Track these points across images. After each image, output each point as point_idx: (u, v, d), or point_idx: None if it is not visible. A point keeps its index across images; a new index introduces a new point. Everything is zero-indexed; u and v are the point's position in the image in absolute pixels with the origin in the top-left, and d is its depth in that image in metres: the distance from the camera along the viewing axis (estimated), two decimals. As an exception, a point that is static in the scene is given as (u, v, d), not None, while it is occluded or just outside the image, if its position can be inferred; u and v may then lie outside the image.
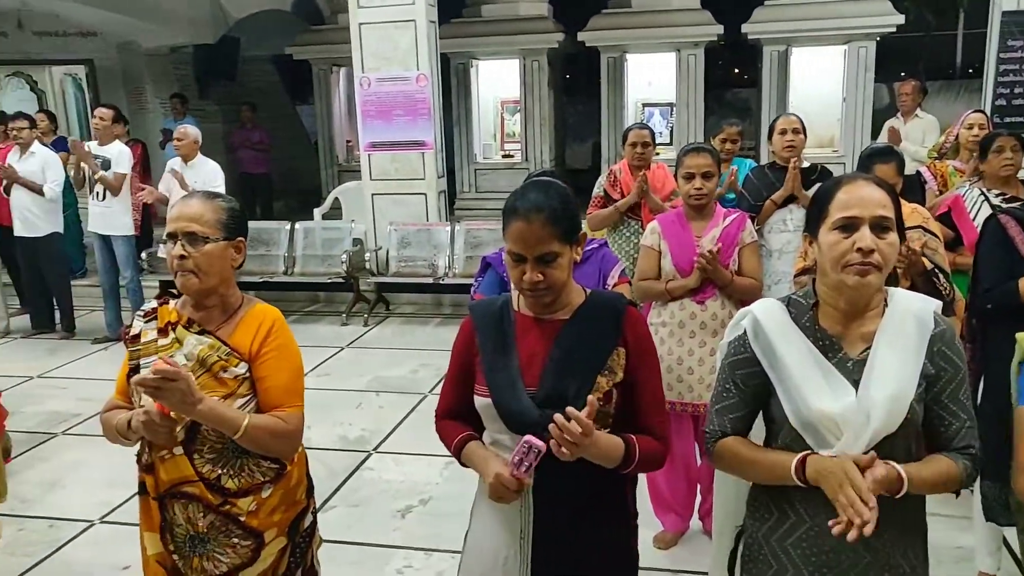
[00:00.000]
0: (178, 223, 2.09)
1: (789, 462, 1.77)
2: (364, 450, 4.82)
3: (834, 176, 1.89)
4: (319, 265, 7.74)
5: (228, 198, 2.22)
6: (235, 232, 2.16)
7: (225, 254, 2.13)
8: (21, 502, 4.33)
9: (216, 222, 2.11)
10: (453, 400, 2.10)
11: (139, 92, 11.37)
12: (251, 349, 2.14)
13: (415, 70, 7.56)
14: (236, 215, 2.18)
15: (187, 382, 1.94)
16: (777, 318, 1.88)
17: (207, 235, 2.09)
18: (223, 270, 2.14)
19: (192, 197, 2.15)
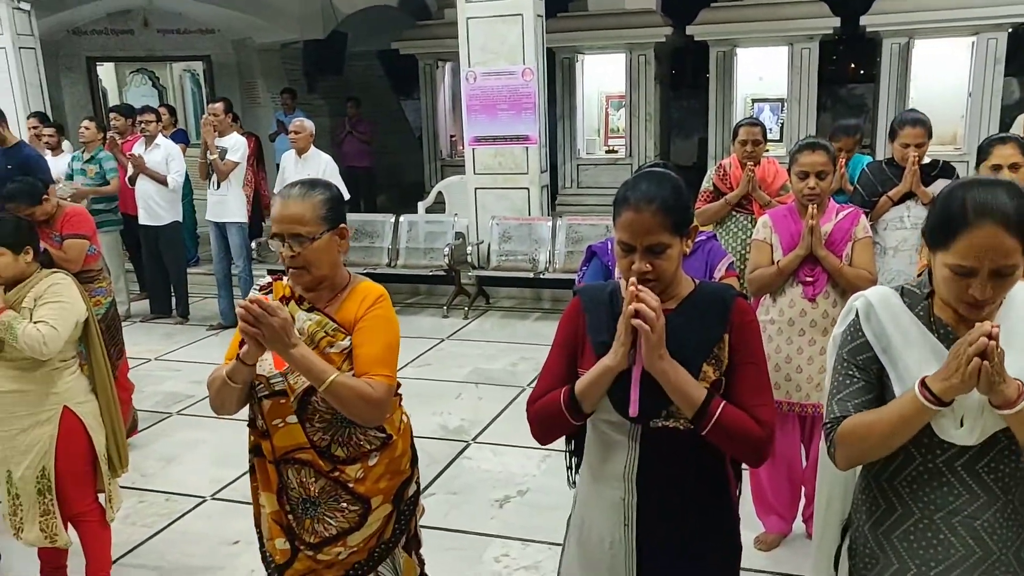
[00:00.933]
0: (282, 225, 2.14)
1: (911, 393, 1.68)
2: (463, 440, 4.86)
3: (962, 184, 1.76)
4: (421, 258, 7.85)
5: (322, 187, 2.22)
6: (336, 220, 2.21)
7: (331, 244, 2.19)
8: (142, 476, 4.55)
9: (317, 218, 2.15)
10: (552, 383, 2.06)
11: (252, 87, 11.79)
12: (354, 319, 2.20)
13: (521, 64, 7.56)
14: (334, 204, 2.20)
15: (285, 321, 2.02)
16: (890, 302, 1.81)
17: (312, 234, 2.13)
18: (331, 260, 2.21)
19: (289, 197, 2.16)
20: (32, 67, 9.38)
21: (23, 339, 2.98)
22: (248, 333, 2.03)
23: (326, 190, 2.21)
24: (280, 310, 2.03)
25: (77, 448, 3.23)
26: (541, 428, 2.08)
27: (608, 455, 2.02)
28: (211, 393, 2.23)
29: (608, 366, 1.91)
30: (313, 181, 2.23)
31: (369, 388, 2.11)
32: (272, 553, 2.33)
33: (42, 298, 3.11)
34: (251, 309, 2.00)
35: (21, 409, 3.12)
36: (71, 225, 4.55)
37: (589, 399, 1.95)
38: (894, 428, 1.72)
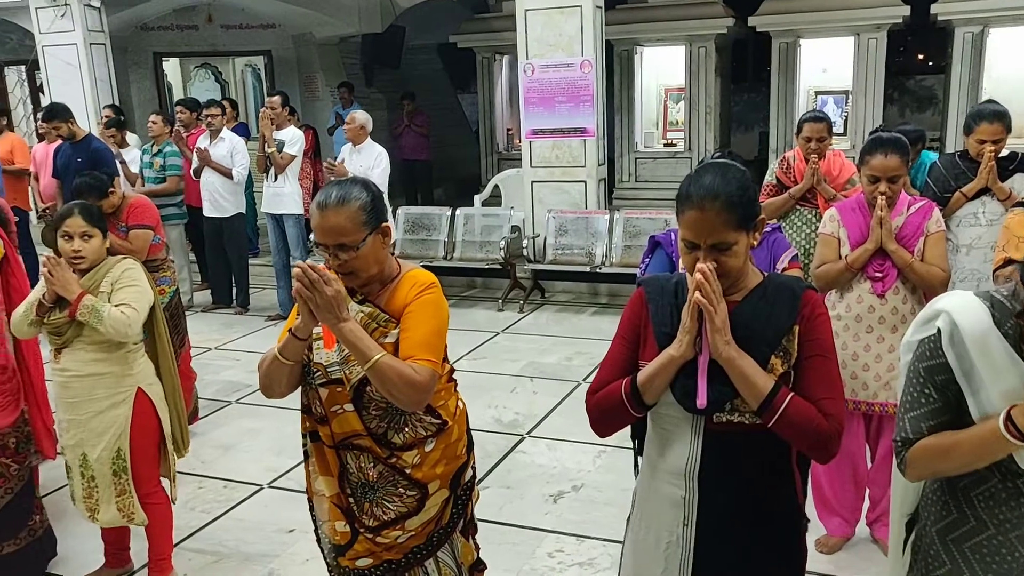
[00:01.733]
0: (325, 237, 2.13)
1: (993, 424, 1.57)
2: (517, 433, 4.83)
3: None
4: (477, 251, 7.84)
5: (358, 190, 2.16)
6: (377, 220, 2.18)
7: (376, 244, 2.18)
8: (201, 462, 4.62)
9: (358, 226, 2.13)
10: (613, 373, 2.01)
11: (311, 81, 11.91)
12: (404, 306, 2.20)
13: (579, 56, 7.49)
14: (372, 205, 2.16)
15: (338, 293, 2.02)
16: (977, 321, 1.64)
17: (355, 242, 2.12)
18: (378, 259, 2.20)
19: (327, 208, 2.12)
20: (102, 62, 9.62)
21: (108, 321, 3.06)
22: (302, 296, 2.02)
23: (361, 192, 2.16)
24: (336, 282, 2.03)
25: (148, 429, 3.31)
26: (600, 419, 2.04)
27: (668, 450, 1.98)
28: (260, 373, 2.24)
29: (672, 356, 1.87)
30: (347, 186, 2.17)
31: (413, 371, 2.09)
32: (331, 535, 2.34)
33: (119, 282, 3.19)
34: (308, 272, 2.00)
35: (99, 391, 3.20)
36: (136, 216, 4.64)
37: (652, 390, 1.91)
38: (971, 457, 1.64)
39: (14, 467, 3.44)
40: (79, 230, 3.15)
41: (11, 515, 3.44)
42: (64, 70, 9.48)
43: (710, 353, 1.85)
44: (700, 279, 1.80)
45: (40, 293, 3.17)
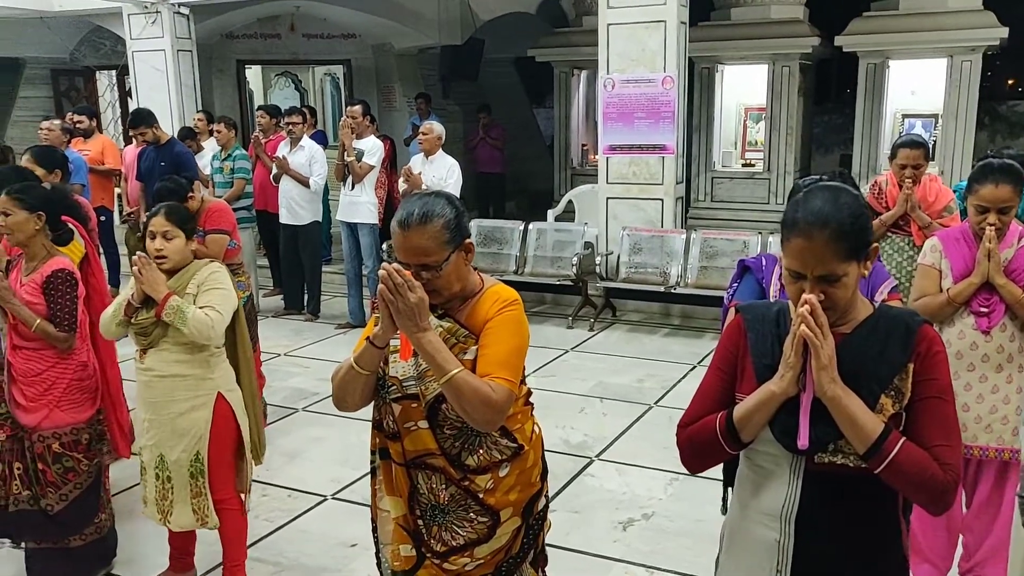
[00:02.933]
0: (407, 258, 2.05)
1: None
2: (586, 456, 4.70)
3: None
4: (549, 266, 7.73)
5: (440, 207, 2.07)
6: (460, 237, 2.10)
7: (459, 262, 2.11)
8: (266, 470, 4.58)
9: (441, 245, 2.05)
10: (707, 406, 1.89)
11: (389, 91, 12.00)
12: (484, 322, 2.12)
13: (661, 72, 7.35)
14: (454, 223, 2.08)
15: (421, 300, 1.95)
16: None
17: (438, 262, 2.05)
18: (461, 275, 2.13)
19: (409, 228, 2.04)
20: (188, 69, 9.85)
21: (192, 323, 3.05)
22: (384, 299, 1.95)
23: (445, 208, 2.07)
24: (420, 289, 1.96)
25: (227, 434, 3.30)
26: (693, 455, 1.91)
27: (764, 490, 1.84)
28: (334, 385, 2.17)
29: (773, 392, 1.74)
30: (430, 202, 2.07)
31: (490, 390, 2.00)
32: (392, 560, 2.26)
33: (205, 284, 3.18)
34: (393, 276, 1.92)
35: (180, 393, 3.19)
36: (213, 220, 4.67)
37: (749, 427, 1.78)
38: None
39: (85, 463, 3.46)
40: (161, 229, 3.15)
41: (79, 510, 3.46)
42: (152, 75, 9.73)
43: (814, 391, 1.71)
44: (806, 312, 1.67)
45: (129, 293, 3.17)
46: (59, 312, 3.38)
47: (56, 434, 3.40)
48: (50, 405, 3.39)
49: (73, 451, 3.43)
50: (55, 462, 3.40)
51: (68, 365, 3.44)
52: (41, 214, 3.42)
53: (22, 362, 3.39)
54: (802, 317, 1.67)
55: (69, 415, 3.42)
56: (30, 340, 3.39)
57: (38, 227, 3.42)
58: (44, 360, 3.40)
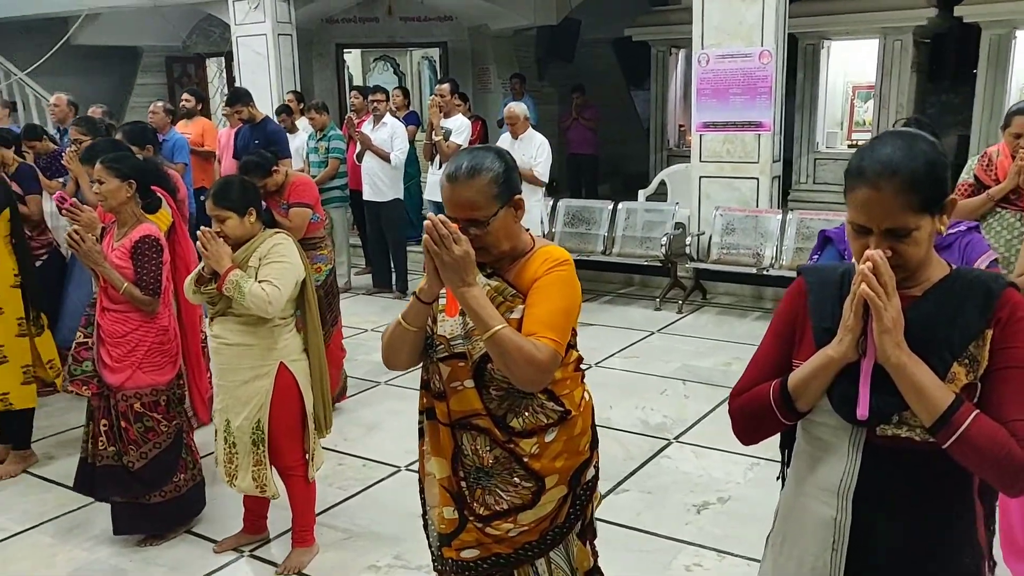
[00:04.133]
0: (455, 211, 2.01)
1: None
2: (664, 437, 4.57)
3: None
4: (637, 247, 7.56)
5: (490, 160, 2.03)
6: (509, 192, 2.04)
7: (507, 219, 2.05)
8: (344, 439, 4.66)
9: (489, 199, 2.00)
10: (761, 373, 1.76)
11: (484, 73, 12.00)
12: (533, 281, 2.05)
13: (758, 46, 7.07)
14: (503, 177, 2.02)
15: (467, 254, 1.90)
16: None
17: (487, 216, 2.00)
18: (510, 233, 2.08)
19: (457, 181, 2.00)
20: (287, 52, 10.08)
21: (250, 297, 3.09)
22: (430, 250, 1.90)
23: (494, 162, 2.02)
24: (466, 242, 1.91)
25: (290, 403, 3.33)
26: (745, 426, 1.79)
27: (821, 464, 1.70)
28: (383, 342, 2.15)
29: (831, 356, 1.60)
30: (479, 155, 2.04)
31: (534, 348, 1.93)
32: (437, 522, 2.22)
33: (266, 258, 3.21)
34: (439, 226, 1.88)
35: (245, 362, 3.25)
36: (296, 194, 4.74)
37: (805, 395, 1.65)
38: None
39: (164, 423, 3.57)
40: (212, 213, 3.20)
41: (158, 469, 3.58)
42: (254, 60, 10.00)
43: (876, 356, 1.56)
44: (867, 269, 1.52)
45: (201, 264, 3.25)
46: (144, 276, 3.49)
47: (138, 394, 3.52)
48: (133, 366, 3.51)
49: (153, 411, 3.55)
50: (136, 421, 3.52)
51: (151, 328, 3.55)
52: (132, 182, 3.54)
53: (109, 323, 3.52)
54: (863, 275, 1.53)
55: (150, 377, 3.53)
56: (118, 303, 3.51)
57: (129, 195, 3.54)
58: (129, 322, 3.52)
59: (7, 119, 7.52)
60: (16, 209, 4.29)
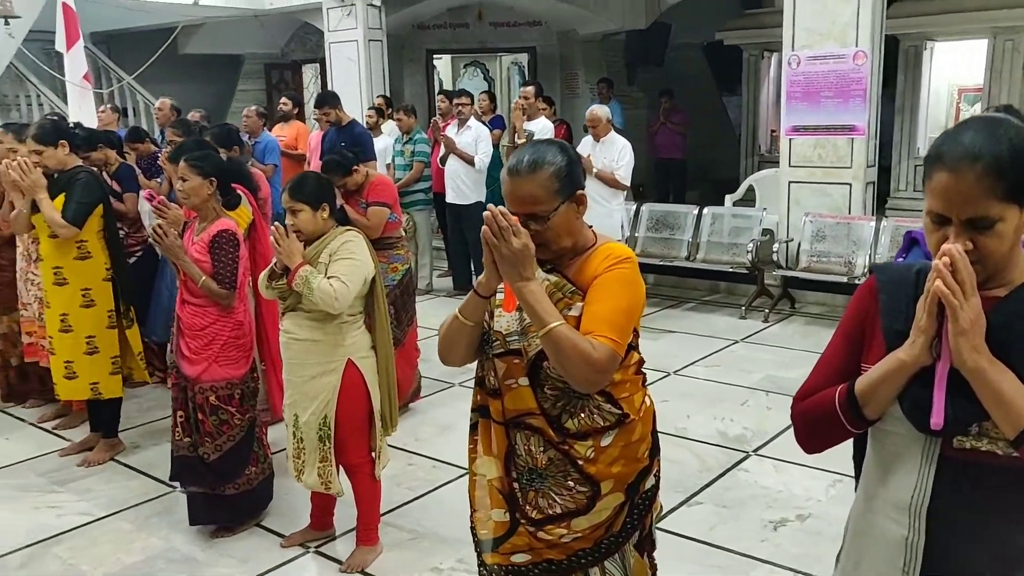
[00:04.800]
0: (516, 207, 1.95)
1: None
2: (743, 450, 4.40)
3: None
4: (723, 253, 7.36)
5: (552, 154, 1.97)
6: (572, 187, 1.98)
7: (569, 215, 1.99)
8: (415, 439, 4.66)
9: (551, 194, 1.94)
10: (827, 377, 1.65)
11: (572, 78, 11.95)
12: (593, 278, 1.98)
13: (853, 47, 6.80)
14: (565, 171, 1.96)
15: (526, 247, 1.85)
16: None
17: (547, 212, 1.94)
18: (571, 230, 2.01)
19: (518, 175, 1.95)
20: (378, 57, 10.26)
21: (318, 293, 3.11)
22: (488, 242, 1.86)
23: (556, 156, 1.97)
24: (526, 236, 1.86)
25: (357, 400, 3.33)
26: (808, 433, 1.69)
27: (891, 477, 1.57)
28: (439, 337, 2.12)
29: (902, 360, 1.47)
30: (541, 149, 1.98)
31: (590, 347, 1.86)
32: (479, 526, 2.17)
33: (336, 254, 3.23)
34: (498, 218, 1.83)
35: (313, 357, 3.27)
36: (375, 193, 4.78)
37: (874, 401, 1.53)
38: None
39: (238, 417, 3.63)
40: (287, 205, 3.24)
41: (231, 461, 3.64)
42: (345, 65, 10.22)
43: (951, 361, 1.43)
44: (943, 264, 1.39)
45: (274, 260, 3.29)
46: (222, 270, 3.57)
47: (213, 387, 3.58)
48: (209, 359, 3.58)
49: (227, 405, 3.61)
50: (212, 413, 3.58)
51: (227, 322, 3.62)
52: (213, 180, 3.62)
53: (188, 316, 3.61)
54: (938, 271, 1.40)
55: (225, 370, 3.60)
56: (196, 296, 3.59)
57: (210, 192, 3.63)
58: (207, 316, 3.59)
59: (116, 123, 7.87)
60: (110, 205, 4.45)
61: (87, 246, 4.26)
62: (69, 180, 4.25)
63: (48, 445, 4.76)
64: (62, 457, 4.58)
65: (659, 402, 4.96)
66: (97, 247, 4.30)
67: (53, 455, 4.61)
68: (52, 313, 4.30)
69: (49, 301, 4.31)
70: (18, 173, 4.09)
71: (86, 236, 4.24)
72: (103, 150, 5.46)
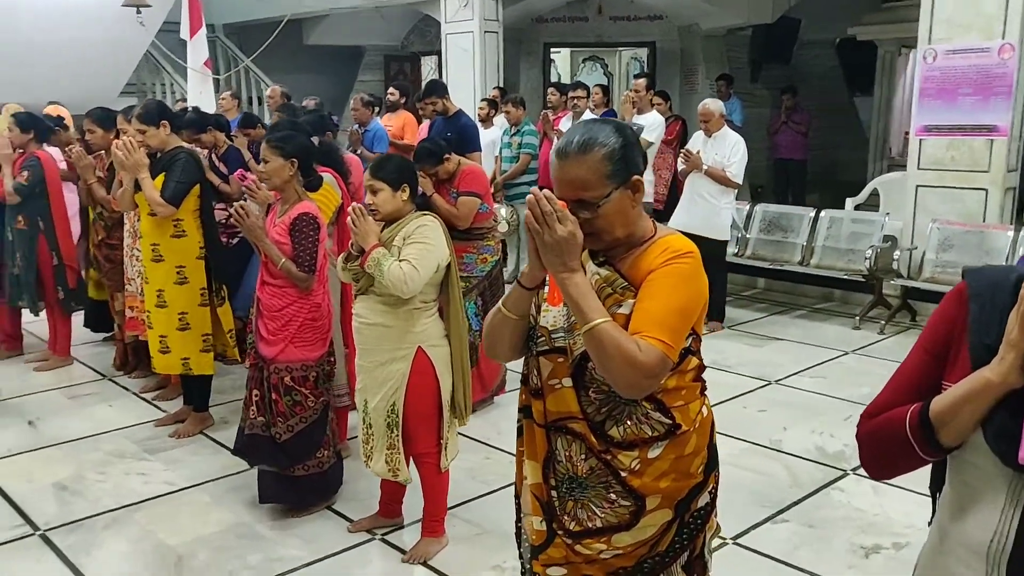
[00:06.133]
0: (562, 191, 1.80)
1: None
2: (840, 468, 4.10)
3: None
4: (839, 259, 6.93)
5: (606, 134, 1.80)
6: (626, 172, 1.80)
7: (622, 203, 1.81)
8: (497, 433, 4.58)
9: (602, 178, 1.77)
10: (900, 394, 1.44)
11: (692, 73, 11.59)
12: (648, 272, 1.80)
13: (999, 39, 6.26)
14: (619, 154, 1.79)
15: (572, 235, 1.69)
16: None
17: (598, 198, 1.78)
18: (625, 219, 1.83)
19: (567, 157, 1.79)
20: (493, 49, 10.23)
21: (388, 275, 3.06)
22: (531, 229, 1.71)
23: (610, 137, 1.79)
24: (572, 224, 1.70)
25: (426, 389, 3.26)
26: (874, 455, 1.49)
27: (968, 517, 1.36)
28: (484, 329, 1.99)
29: (988, 380, 1.26)
30: (594, 128, 1.82)
31: (636, 348, 1.67)
32: (529, 532, 2.02)
33: (410, 238, 3.16)
34: (542, 202, 1.68)
35: (383, 343, 3.22)
36: (466, 183, 4.70)
37: (952, 426, 1.32)
38: None
39: (311, 399, 3.63)
40: (367, 183, 3.19)
41: (303, 442, 3.63)
42: (460, 56, 10.23)
43: None
44: None
45: (351, 242, 3.26)
46: (301, 253, 3.56)
47: (288, 368, 3.59)
48: (286, 340, 3.58)
49: (302, 386, 3.60)
50: (286, 394, 3.59)
51: (304, 304, 3.61)
52: (294, 161, 3.62)
53: (268, 297, 3.62)
54: None
55: (300, 352, 3.60)
56: (276, 278, 3.60)
57: (291, 173, 3.63)
58: (285, 297, 3.60)
59: (236, 110, 8.14)
60: (207, 186, 4.54)
61: (183, 225, 4.36)
62: (169, 160, 4.36)
63: (146, 415, 4.94)
64: (156, 427, 4.73)
65: (755, 412, 4.77)
66: (192, 226, 4.40)
67: (149, 424, 4.78)
68: (150, 288, 4.43)
69: (148, 277, 4.44)
70: (123, 152, 4.23)
71: (182, 215, 4.34)
72: (212, 132, 5.63)
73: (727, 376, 5.36)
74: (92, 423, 4.81)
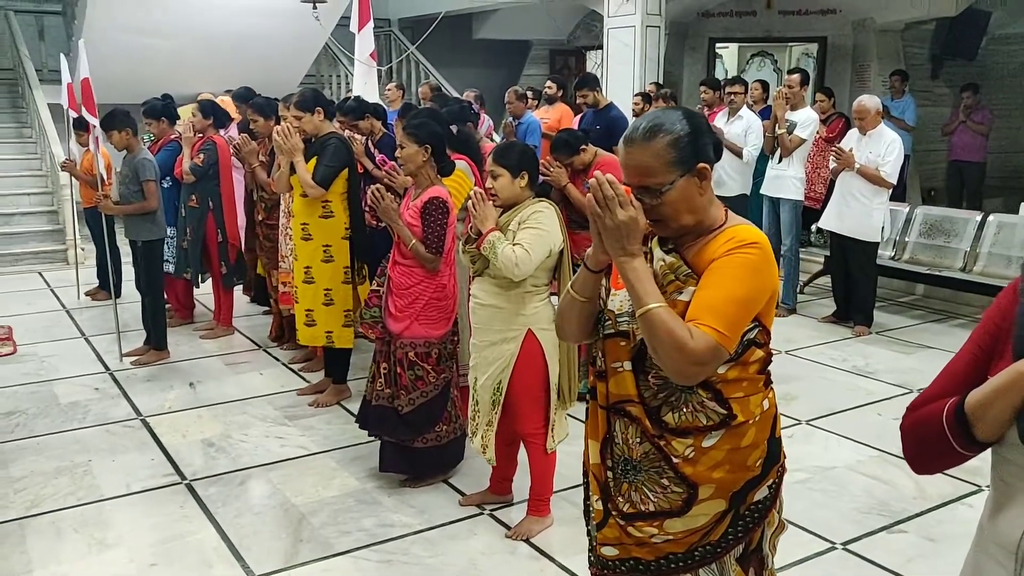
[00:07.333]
0: (629, 178, 1.83)
1: None
2: (974, 483, 3.87)
3: None
4: (1006, 267, 6.44)
5: (673, 121, 1.82)
6: (692, 159, 1.81)
7: (689, 190, 1.82)
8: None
9: (666, 165, 1.79)
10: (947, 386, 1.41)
11: (863, 69, 11.02)
12: (712, 260, 1.82)
13: None
14: (686, 141, 1.80)
15: (632, 219, 1.73)
16: None
17: (662, 185, 1.80)
18: (693, 207, 1.85)
19: (633, 143, 1.81)
20: (654, 44, 10.15)
21: (501, 258, 3.19)
22: (594, 213, 1.76)
23: (675, 124, 1.80)
24: (635, 208, 1.75)
25: (534, 370, 3.37)
26: (915, 450, 1.47)
27: (1001, 513, 1.34)
28: (557, 310, 2.06)
29: (1021, 373, 1.25)
30: (662, 116, 1.83)
31: (687, 334, 1.70)
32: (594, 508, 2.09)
33: (524, 223, 3.28)
34: (604, 186, 1.73)
35: (495, 324, 3.36)
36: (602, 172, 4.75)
37: (986, 420, 1.30)
38: None
39: (433, 375, 3.81)
40: (488, 168, 3.32)
41: (423, 416, 3.83)
42: (621, 51, 10.23)
43: None
44: None
45: (471, 224, 3.41)
46: (430, 235, 3.75)
47: (413, 343, 3.79)
48: (412, 317, 3.79)
49: (424, 362, 3.80)
50: (409, 368, 3.80)
51: (430, 284, 3.80)
52: (427, 147, 3.81)
53: (398, 276, 3.84)
54: None
55: (424, 329, 3.79)
56: (406, 257, 3.82)
57: (424, 158, 3.82)
58: (413, 276, 3.80)
59: (400, 100, 8.55)
60: (355, 170, 4.84)
61: (331, 206, 4.67)
62: (322, 145, 4.68)
63: (291, 384, 5.33)
64: (298, 396, 5.10)
65: (890, 419, 4.56)
66: (339, 208, 4.71)
67: (292, 393, 5.16)
68: (299, 265, 4.78)
69: (297, 254, 4.79)
70: (281, 137, 4.58)
71: (331, 197, 4.65)
72: (370, 120, 5.96)
73: (867, 382, 5.12)
74: (242, 388, 5.26)
